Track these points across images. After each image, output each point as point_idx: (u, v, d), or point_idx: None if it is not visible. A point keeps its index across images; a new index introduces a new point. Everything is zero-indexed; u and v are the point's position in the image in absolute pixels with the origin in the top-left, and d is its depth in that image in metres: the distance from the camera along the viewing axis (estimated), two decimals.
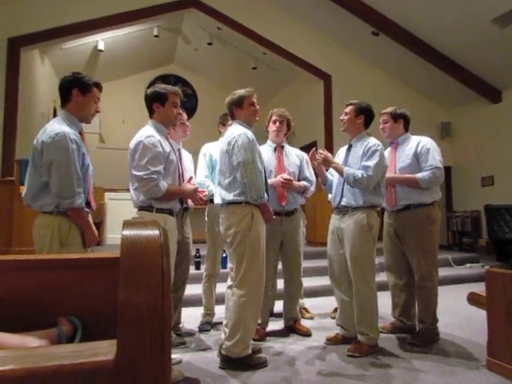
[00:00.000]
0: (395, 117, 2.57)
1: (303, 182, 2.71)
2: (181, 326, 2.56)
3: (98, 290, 0.84)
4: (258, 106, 2.23)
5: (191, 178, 2.28)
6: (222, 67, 8.16)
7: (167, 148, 2.00)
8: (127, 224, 0.49)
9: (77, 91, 1.81)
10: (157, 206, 1.96)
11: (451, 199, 6.79)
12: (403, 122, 2.58)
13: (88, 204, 1.90)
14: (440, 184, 2.52)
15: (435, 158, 2.43)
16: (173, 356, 2.03)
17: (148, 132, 1.96)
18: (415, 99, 6.53)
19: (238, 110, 2.19)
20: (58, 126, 1.76)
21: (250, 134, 2.10)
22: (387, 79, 6.64)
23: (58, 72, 6.72)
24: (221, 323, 2.83)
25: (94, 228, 1.87)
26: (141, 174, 1.88)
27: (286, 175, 2.53)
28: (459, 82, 5.92)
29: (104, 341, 0.45)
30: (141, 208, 1.99)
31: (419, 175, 2.41)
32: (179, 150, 2.47)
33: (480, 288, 2.11)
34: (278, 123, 2.65)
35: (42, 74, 6.05)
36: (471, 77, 5.82)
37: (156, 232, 0.48)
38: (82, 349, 0.43)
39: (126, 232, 0.47)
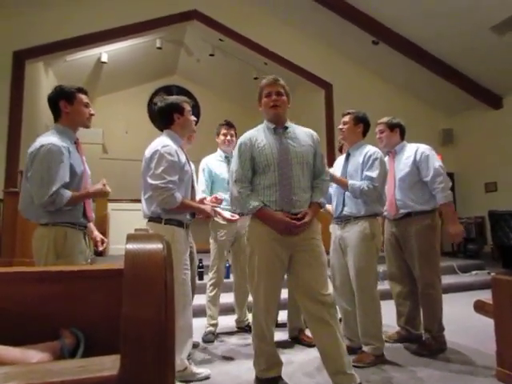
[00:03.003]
0: (391, 126, 2.60)
1: None
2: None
3: (101, 302, 0.84)
4: (275, 96, 1.91)
5: (204, 198, 2.28)
6: (224, 78, 8.25)
7: (183, 158, 2.00)
8: (131, 237, 0.49)
9: (64, 102, 1.86)
10: (165, 217, 1.94)
11: (455, 206, 6.74)
12: (399, 131, 2.62)
13: (85, 215, 1.90)
14: (450, 186, 2.48)
15: (435, 164, 2.43)
16: (200, 370, 2.04)
17: (164, 141, 1.97)
18: (416, 107, 6.55)
19: (259, 105, 1.99)
20: (45, 138, 1.80)
21: (246, 137, 1.92)
22: (388, 87, 6.68)
23: (61, 84, 6.80)
24: (225, 333, 2.81)
25: (88, 190, 1.88)
26: (157, 182, 1.87)
27: None
28: (460, 88, 5.94)
29: (108, 356, 0.45)
30: (150, 219, 1.98)
31: (442, 199, 2.39)
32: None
33: (486, 295, 2.08)
34: None
35: (46, 85, 6.14)
36: (471, 83, 5.85)
37: (159, 245, 0.48)
38: (86, 364, 0.43)
39: (130, 245, 0.47)
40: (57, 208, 1.74)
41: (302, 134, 1.99)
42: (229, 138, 2.89)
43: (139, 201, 2.48)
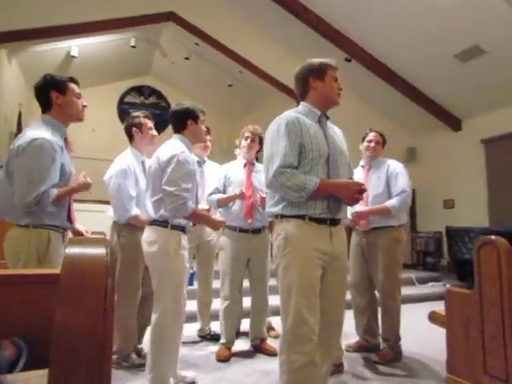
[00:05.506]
0: (384, 140, 2.67)
1: None
2: (140, 346, 2.45)
3: (46, 309, 0.78)
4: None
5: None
6: (198, 82, 8.19)
7: (194, 166, 2.00)
8: (72, 241, 0.45)
9: (55, 93, 1.69)
10: (172, 222, 1.91)
11: (415, 220, 7.05)
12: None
13: (69, 218, 1.78)
14: (408, 208, 2.60)
15: (404, 182, 2.51)
16: (186, 373, 2.06)
17: (181, 147, 1.95)
18: (385, 124, 6.79)
19: (314, 81, 1.64)
20: (36, 132, 1.62)
21: (292, 116, 1.59)
22: (359, 103, 6.90)
23: (26, 75, 6.47)
24: (187, 343, 2.73)
25: (72, 185, 1.75)
26: (171, 189, 1.84)
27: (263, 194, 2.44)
28: (424, 109, 6.25)
29: (35, 371, 0.41)
30: (154, 222, 1.93)
31: (389, 204, 2.47)
32: (143, 163, 2.42)
33: (442, 306, 2.18)
34: (249, 140, 2.66)
35: (9, 75, 5.81)
36: (435, 106, 6.18)
37: (102, 251, 0.45)
38: (9, 381, 0.39)
39: (70, 250, 0.44)
40: (42, 209, 1.60)
41: (337, 130, 1.76)
42: (208, 143, 2.90)
43: (104, 202, 2.39)
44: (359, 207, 2.55)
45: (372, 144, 2.62)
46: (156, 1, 5.68)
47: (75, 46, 6.26)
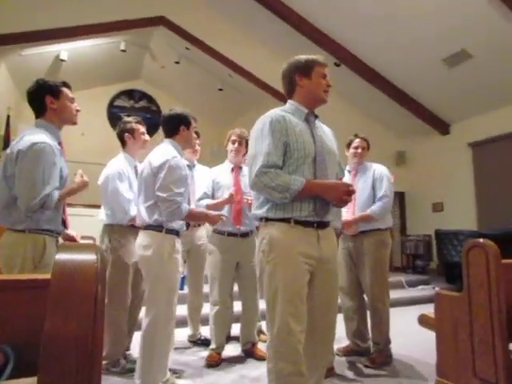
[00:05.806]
0: (368, 145, 2.73)
1: None
2: (129, 352, 2.41)
3: (35, 315, 0.76)
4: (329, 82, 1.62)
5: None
6: (188, 86, 8.19)
7: (186, 171, 2.02)
8: (63, 247, 0.45)
9: (50, 98, 1.71)
10: (167, 226, 1.93)
11: (405, 223, 7.13)
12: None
13: (63, 222, 1.78)
14: (389, 211, 2.64)
15: (387, 186, 2.57)
16: (183, 382, 2.05)
17: (172, 152, 1.97)
18: (375, 128, 6.89)
19: (302, 79, 1.59)
20: (36, 136, 1.63)
21: (277, 114, 1.56)
22: (349, 107, 6.98)
23: (15, 78, 6.39)
24: (178, 348, 2.70)
25: (71, 186, 1.76)
26: (164, 195, 1.86)
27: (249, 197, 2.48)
28: (413, 114, 6.35)
29: (24, 378, 0.40)
30: (149, 227, 1.94)
31: (371, 211, 2.51)
32: (135, 167, 2.41)
33: (432, 309, 2.19)
34: (236, 144, 2.65)
35: None
36: (424, 110, 6.28)
37: (93, 257, 0.44)
38: None
39: (60, 256, 0.43)
40: (44, 212, 1.61)
41: (327, 129, 1.71)
42: (196, 147, 2.89)
43: (94, 206, 2.38)
44: (346, 216, 2.58)
45: (359, 150, 2.69)
46: (146, 5, 5.68)
47: (64, 49, 6.21)
